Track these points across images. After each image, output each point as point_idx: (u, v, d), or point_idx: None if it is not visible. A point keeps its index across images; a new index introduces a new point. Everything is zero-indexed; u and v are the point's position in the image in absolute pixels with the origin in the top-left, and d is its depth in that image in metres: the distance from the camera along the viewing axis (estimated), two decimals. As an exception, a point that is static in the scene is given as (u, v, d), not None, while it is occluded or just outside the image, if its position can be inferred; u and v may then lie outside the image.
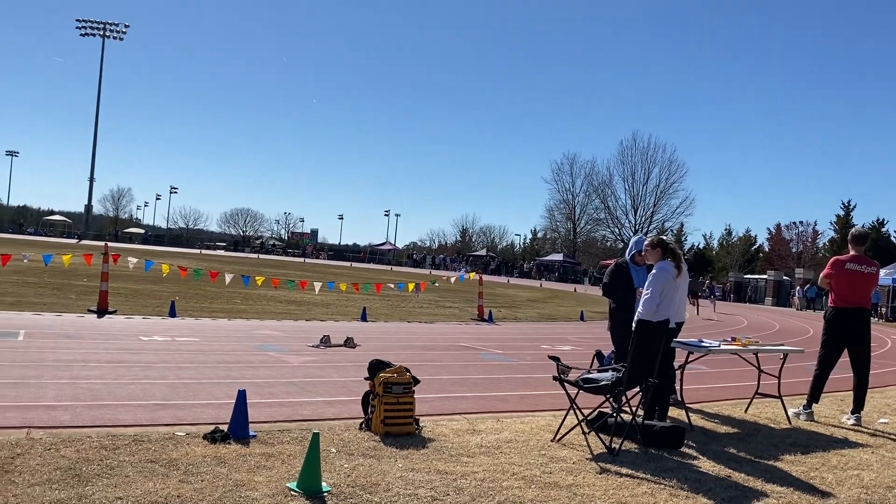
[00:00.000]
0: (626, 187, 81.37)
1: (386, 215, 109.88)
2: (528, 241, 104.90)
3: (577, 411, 6.22)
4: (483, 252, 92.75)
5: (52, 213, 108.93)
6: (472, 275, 23.97)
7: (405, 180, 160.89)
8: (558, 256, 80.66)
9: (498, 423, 6.81)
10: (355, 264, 73.99)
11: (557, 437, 6.30)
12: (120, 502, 4.06)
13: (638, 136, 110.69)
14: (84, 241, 68.08)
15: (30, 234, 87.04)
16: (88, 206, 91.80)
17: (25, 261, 18.75)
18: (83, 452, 4.90)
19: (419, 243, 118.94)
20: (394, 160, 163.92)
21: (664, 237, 7.08)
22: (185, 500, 4.16)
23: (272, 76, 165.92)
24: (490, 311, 19.64)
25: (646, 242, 6.94)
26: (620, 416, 6.23)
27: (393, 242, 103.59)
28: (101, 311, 13.61)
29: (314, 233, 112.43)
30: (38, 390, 6.71)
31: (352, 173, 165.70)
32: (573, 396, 6.24)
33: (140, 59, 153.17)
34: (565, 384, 6.24)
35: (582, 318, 22.16)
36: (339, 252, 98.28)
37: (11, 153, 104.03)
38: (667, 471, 5.60)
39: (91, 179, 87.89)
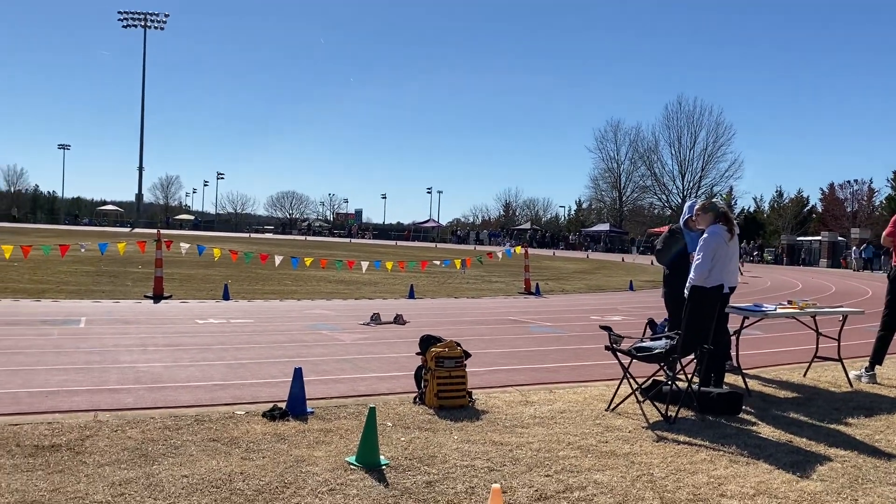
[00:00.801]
0: (673, 152, 79.76)
1: (428, 192, 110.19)
2: (572, 212, 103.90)
3: (631, 380, 6.17)
4: (527, 225, 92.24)
5: (104, 203, 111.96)
6: (519, 249, 23.86)
7: (446, 157, 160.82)
8: (604, 226, 79.74)
9: (550, 395, 6.80)
10: (400, 243, 74.40)
11: (611, 407, 6.27)
12: (185, 480, 4.18)
13: (683, 100, 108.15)
14: (137, 230, 69.86)
15: (85, 224, 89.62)
16: (139, 195, 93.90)
17: (83, 250, 19.35)
18: (148, 433, 5.06)
19: (462, 219, 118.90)
20: (435, 137, 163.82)
21: (715, 200, 6.93)
22: (248, 477, 4.26)
23: (312, 58, 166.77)
24: (537, 285, 19.57)
25: (696, 206, 6.80)
26: (675, 384, 6.17)
27: (436, 219, 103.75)
28: (157, 297, 13.97)
29: (358, 213, 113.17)
30: (102, 374, 6.93)
31: (393, 152, 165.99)
32: (626, 366, 6.19)
33: (181, 47, 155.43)
34: (618, 353, 6.19)
35: (631, 288, 21.92)
36: (383, 231, 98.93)
37: (63, 146, 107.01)
38: (725, 437, 5.53)
39: (140, 169, 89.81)
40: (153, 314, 11.76)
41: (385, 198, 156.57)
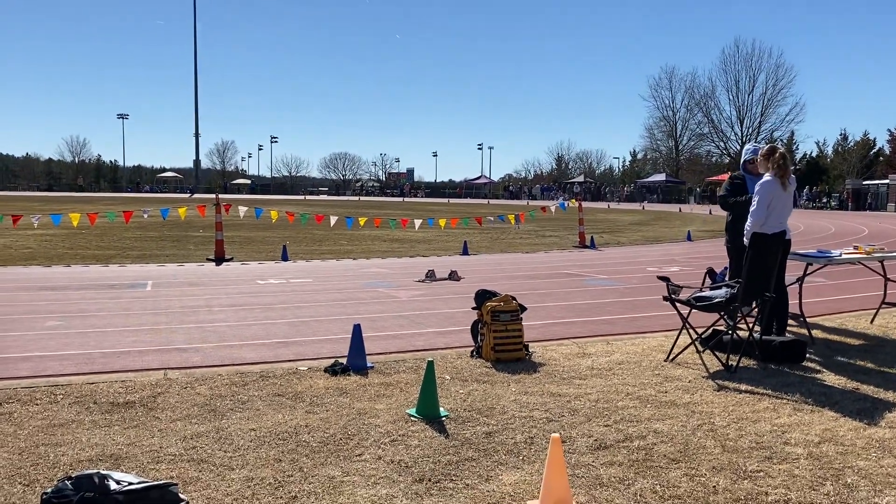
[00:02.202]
0: (731, 98, 77.12)
1: (479, 149, 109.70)
2: (627, 163, 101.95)
3: (691, 330, 6.10)
4: (581, 178, 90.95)
5: (164, 170, 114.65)
6: (573, 202, 23.60)
7: (497, 112, 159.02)
8: (660, 177, 78.01)
9: (608, 346, 6.78)
10: (452, 200, 74.35)
11: (670, 357, 6.21)
12: (253, 433, 4.34)
13: (741, 42, 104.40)
14: (196, 195, 71.51)
15: (146, 191, 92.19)
16: (197, 161, 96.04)
17: (146, 216, 19.94)
18: (216, 389, 5.25)
19: (514, 175, 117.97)
20: (485, 92, 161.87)
21: (776, 145, 6.70)
22: (313, 430, 4.40)
23: (360, 17, 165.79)
24: (592, 238, 19.37)
25: (760, 152, 6.59)
26: (736, 333, 6.07)
27: (488, 176, 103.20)
28: (219, 259, 14.34)
29: (410, 172, 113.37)
30: (170, 335, 7.19)
31: (443, 110, 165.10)
32: (685, 316, 6.11)
33: (233, 12, 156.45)
34: (676, 304, 6.11)
35: (689, 238, 21.50)
36: (435, 189, 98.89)
37: (122, 116, 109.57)
38: (789, 385, 5.43)
39: (196, 135, 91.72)
40: (216, 276, 12.09)
41: (436, 156, 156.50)
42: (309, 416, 4.66)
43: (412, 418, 4.60)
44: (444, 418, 4.61)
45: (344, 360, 5.87)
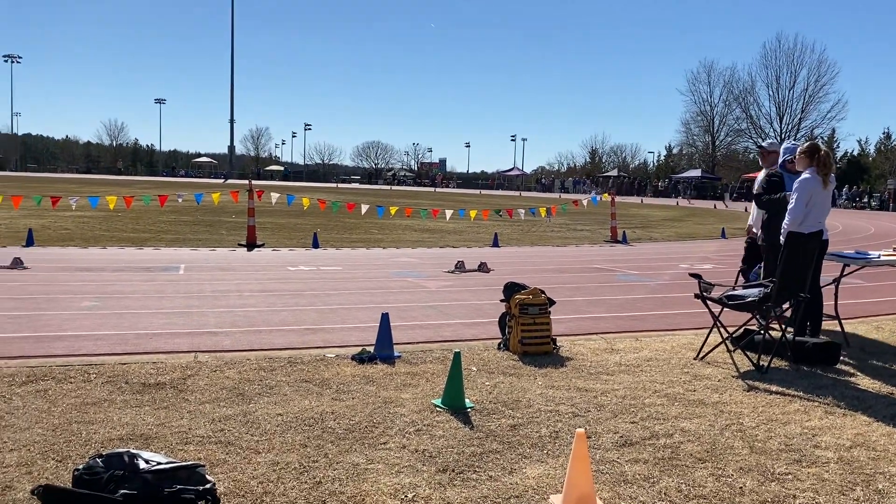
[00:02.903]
0: (770, 93, 75.55)
1: (512, 140, 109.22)
2: (662, 157, 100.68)
3: (722, 329, 6.02)
4: (614, 172, 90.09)
5: (199, 155, 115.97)
6: (606, 196, 23.40)
7: (531, 103, 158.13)
8: (696, 172, 76.92)
9: (637, 342, 6.72)
10: (484, 191, 74.19)
11: (700, 356, 6.14)
12: (280, 418, 4.38)
13: (783, 37, 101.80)
14: (229, 181, 72.30)
15: (181, 176, 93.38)
16: (231, 147, 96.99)
17: (180, 200, 20.21)
18: (244, 373, 5.31)
19: (547, 167, 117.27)
20: (519, 83, 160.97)
21: (817, 142, 6.56)
22: (339, 416, 4.43)
23: (396, 6, 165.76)
24: (624, 233, 19.19)
25: (800, 149, 6.46)
26: (769, 333, 5.97)
27: (521, 168, 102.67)
28: (251, 245, 14.49)
29: (442, 162, 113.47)
30: (201, 318, 7.29)
31: (477, 100, 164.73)
32: (717, 314, 6.03)
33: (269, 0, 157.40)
34: (708, 301, 6.03)
35: (723, 236, 21.20)
36: (467, 180, 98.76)
37: (159, 101, 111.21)
38: (821, 388, 5.34)
39: (231, 121, 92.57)
40: (247, 261, 12.22)
41: (469, 146, 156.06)
42: (335, 403, 4.70)
43: (437, 409, 4.61)
44: (469, 409, 4.61)
45: (371, 349, 5.90)
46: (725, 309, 6.03)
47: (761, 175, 7.57)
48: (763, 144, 8.29)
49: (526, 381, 5.30)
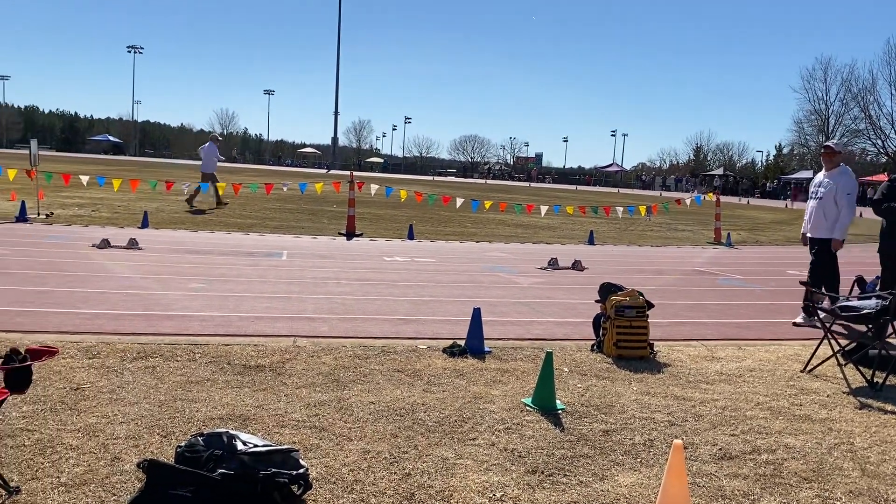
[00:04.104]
0: (893, 93, 70.97)
1: (612, 135, 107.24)
2: (771, 157, 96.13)
3: (833, 341, 5.68)
4: (720, 171, 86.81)
5: (304, 146, 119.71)
6: (710, 195, 22.57)
7: (632, 97, 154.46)
8: (808, 173, 73.02)
9: (739, 351, 6.44)
10: (580, 187, 73.09)
11: (808, 368, 5.82)
12: (372, 406, 4.44)
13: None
14: (332, 171, 74.19)
15: (287, 165, 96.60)
16: (335, 139, 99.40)
17: (285, 189, 20.88)
18: (340, 360, 5.42)
19: (648, 164, 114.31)
20: (620, 77, 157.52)
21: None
22: (430, 409, 4.45)
23: (498, 2, 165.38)
24: (728, 235, 18.45)
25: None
26: (885, 349, 5.59)
27: (620, 164, 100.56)
28: (350, 234, 14.82)
29: (539, 157, 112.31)
30: (300, 304, 7.50)
31: (576, 94, 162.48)
32: (828, 325, 5.69)
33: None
34: (818, 312, 5.70)
35: (835, 242, 20.03)
36: (563, 175, 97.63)
37: (268, 92, 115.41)
38: (944, 411, 4.95)
39: (336, 113, 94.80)
40: (346, 250, 12.50)
41: (566, 141, 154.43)
42: (426, 394, 4.72)
43: (528, 408, 4.56)
44: (560, 411, 4.54)
45: (462, 342, 5.90)
46: (837, 320, 5.68)
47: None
48: (830, 144, 7.81)
49: (620, 386, 5.17)
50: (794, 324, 7.64)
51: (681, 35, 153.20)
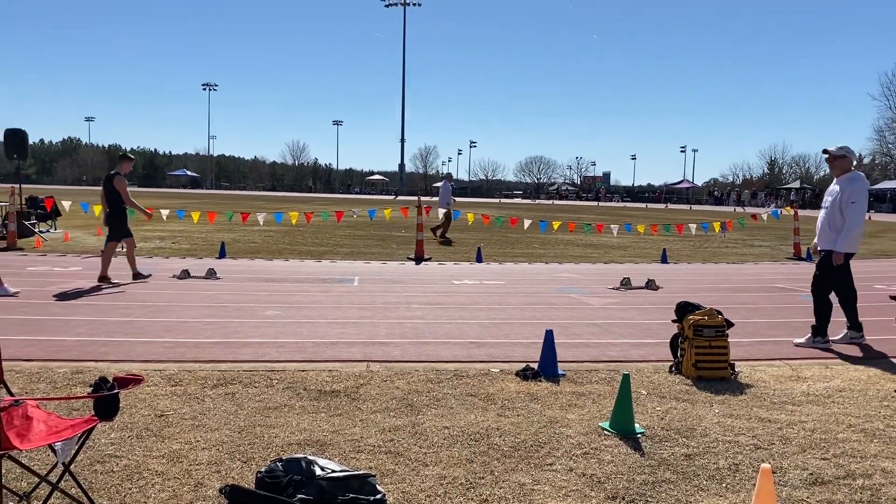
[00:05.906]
0: (979, 96, 67.32)
1: (682, 151, 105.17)
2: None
3: (930, 359, 5.36)
4: (796, 184, 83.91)
5: (372, 173, 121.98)
6: (788, 209, 21.80)
7: (702, 113, 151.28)
8: (891, 184, 69.90)
9: (827, 370, 6.15)
10: (650, 205, 71.77)
11: (904, 388, 5.50)
12: (447, 431, 4.42)
13: None
14: (400, 197, 75.16)
15: (356, 193, 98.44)
16: (401, 165, 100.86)
17: (354, 216, 21.25)
18: (413, 384, 5.43)
19: (720, 179, 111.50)
20: (687, 92, 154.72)
21: None
22: (504, 433, 4.40)
23: (558, 19, 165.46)
24: (808, 249, 17.74)
25: None
26: None
27: (690, 180, 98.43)
28: (419, 259, 14.92)
29: (606, 175, 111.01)
30: (373, 328, 7.57)
31: (643, 111, 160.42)
32: (924, 342, 5.38)
33: (438, 22, 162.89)
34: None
35: (927, 253, 19.03)
36: (632, 193, 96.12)
37: (337, 122, 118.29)
38: None
39: (402, 140, 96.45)
40: (415, 275, 12.58)
41: (634, 158, 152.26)
42: (500, 419, 4.68)
43: (605, 432, 4.46)
44: (639, 435, 4.42)
45: (535, 365, 5.83)
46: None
47: None
48: (830, 149, 7.28)
49: (701, 408, 5.00)
50: (796, 344, 7.17)
51: (749, 46, 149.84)
